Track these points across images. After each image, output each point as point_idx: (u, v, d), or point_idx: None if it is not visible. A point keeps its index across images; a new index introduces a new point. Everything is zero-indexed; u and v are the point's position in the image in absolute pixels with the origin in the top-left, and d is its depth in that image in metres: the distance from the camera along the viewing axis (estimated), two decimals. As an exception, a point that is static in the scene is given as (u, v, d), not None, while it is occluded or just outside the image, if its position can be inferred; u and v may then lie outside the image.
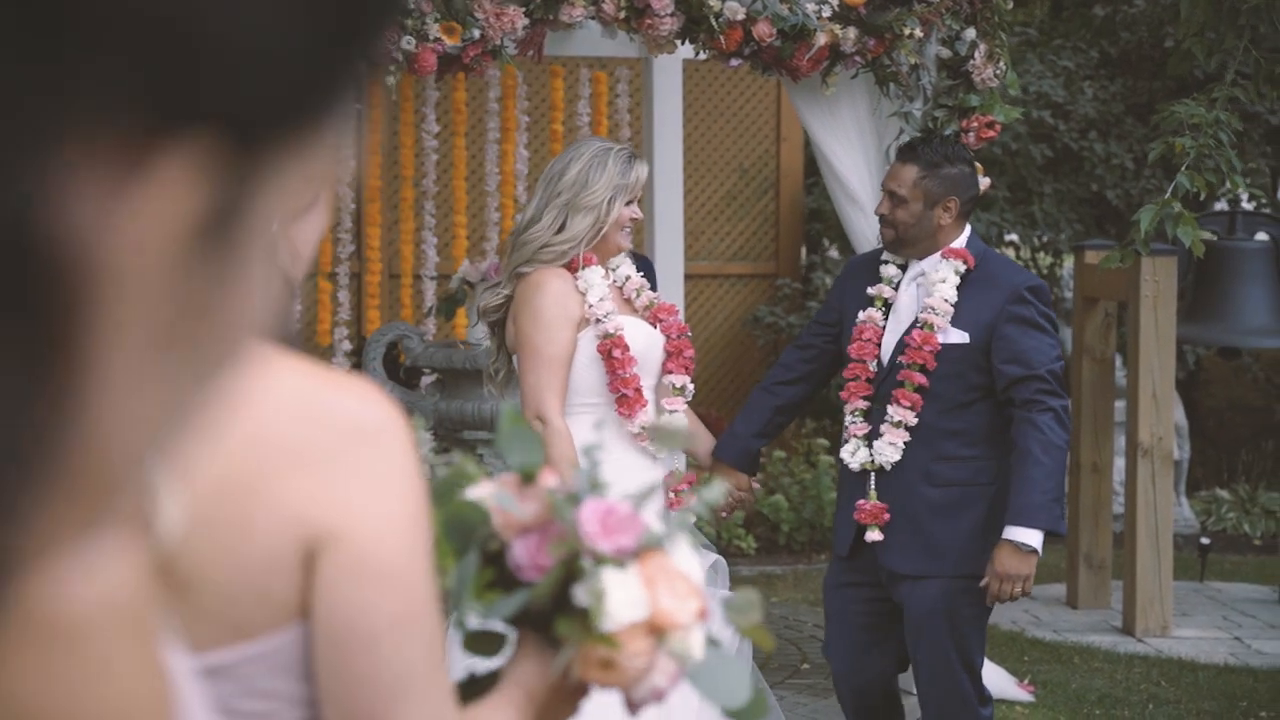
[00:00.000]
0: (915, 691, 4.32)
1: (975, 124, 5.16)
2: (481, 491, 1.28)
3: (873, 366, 3.94)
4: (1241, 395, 10.30)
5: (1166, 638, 6.26)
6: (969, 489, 3.93)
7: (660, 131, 6.60)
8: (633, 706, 1.25)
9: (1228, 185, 5.51)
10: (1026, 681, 5.64)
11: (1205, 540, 7.37)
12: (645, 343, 3.76)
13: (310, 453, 1.10)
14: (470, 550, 1.25)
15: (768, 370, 4.52)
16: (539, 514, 1.25)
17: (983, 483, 3.93)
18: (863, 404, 3.94)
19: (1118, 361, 7.27)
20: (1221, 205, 7.38)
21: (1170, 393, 6.33)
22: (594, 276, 3.69)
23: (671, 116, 6.66)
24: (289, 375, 1.12)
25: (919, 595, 3.94)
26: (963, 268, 3.96)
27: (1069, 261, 9.21)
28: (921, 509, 3.90)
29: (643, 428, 3.66)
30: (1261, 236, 6.62)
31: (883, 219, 4.07)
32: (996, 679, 5.44)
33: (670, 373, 3.81)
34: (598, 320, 3.67)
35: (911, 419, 3.87)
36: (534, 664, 1.28)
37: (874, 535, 3.92)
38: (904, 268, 4.07)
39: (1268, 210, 9.25)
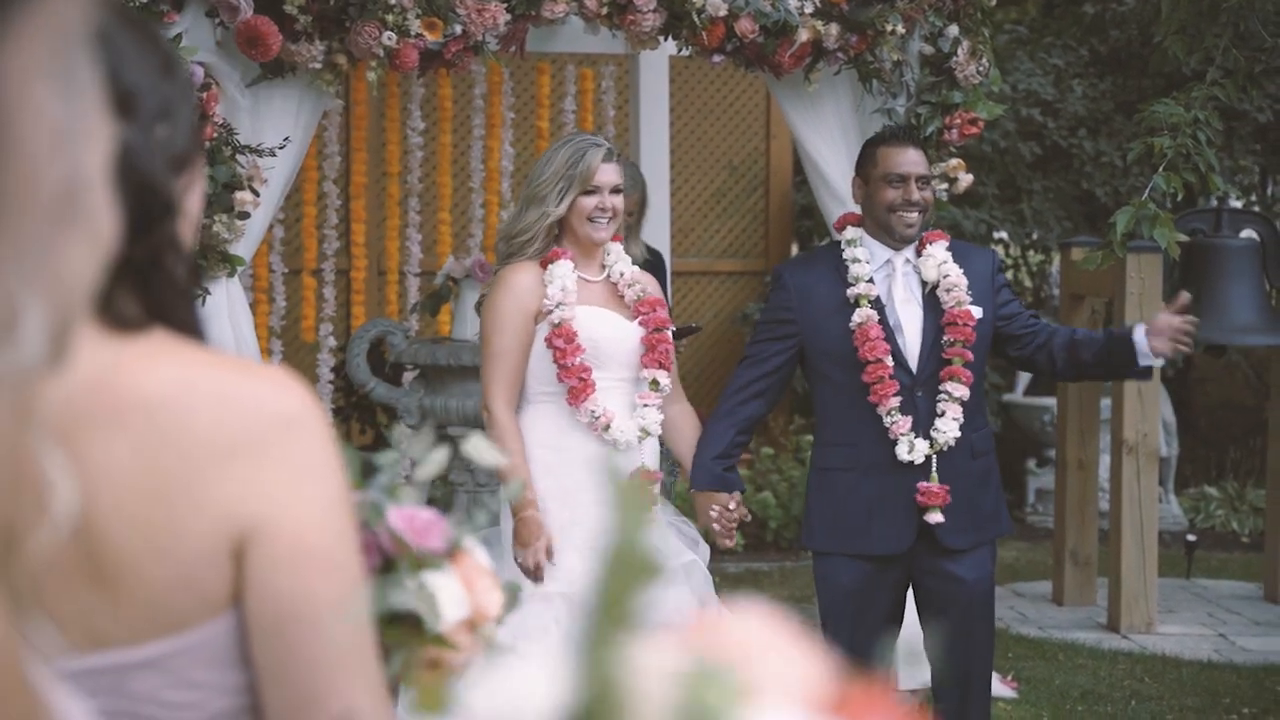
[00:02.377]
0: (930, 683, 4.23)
1: (958, 120, 5.16)
2: None
3: (888, 362, 3.93)
4: (1234, 394, 10.31)
5: (1151, 634, 6.26)
6: (989, 456, 4.06)
7: (646, 128, 6.61)
8: None
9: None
10: (1010, 678, 5.64)
11: (1191, 537, 7.38)
12: (609, 334, 3.78)
13: (233, 446, 1.11)
14: None
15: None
16: None
17: (993, 448, 4.10)
18: (896, 401, 3.92)
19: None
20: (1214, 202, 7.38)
21: (1155, 390, 6.33)
22: (560, 270, 3.75)
23: (657, 113, 6.66)
24: (204, 369, 1.14)
25: (971, 565, 3.95)
26: (946, 246, 4.00)
27: (1059, 259, 9.21)
28: (970, 483, 3.98)
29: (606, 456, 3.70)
30: (1248, 234, 6.62)
31: (914, 205, 3.99)
32: (979, 675, 5.45)
33: (645, 367, 3.82)
34: (548, 312, 3.71)
35: (967, 394, 3.92)
36: None
37: (935, 517, 3.90)
38: (868, 262, 4.03)
39: (1257, 208, 9.26)
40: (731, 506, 3.87)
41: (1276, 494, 6.84)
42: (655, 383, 3.81)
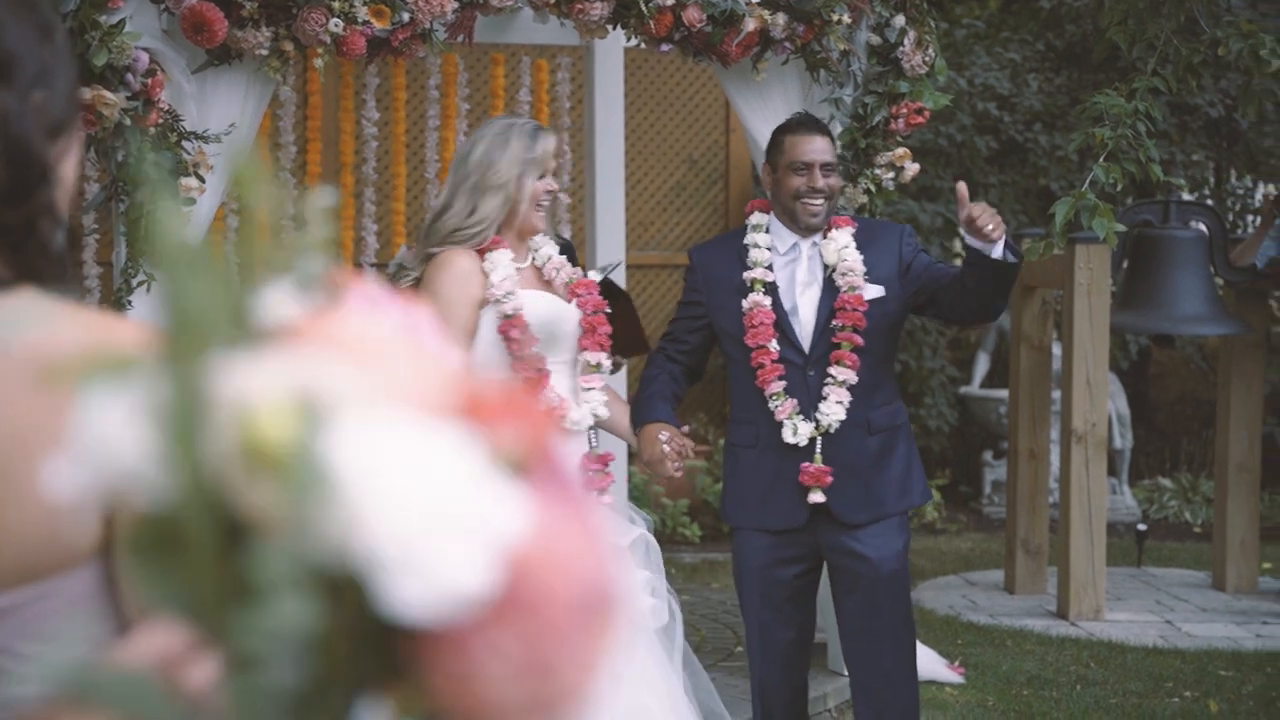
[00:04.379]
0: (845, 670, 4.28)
1: (905, 110, 5.20)
2: None
3: (773, 347, 3.98)
4: (1190, 388, 10.40)
5: (1099, 621, 6.33)
6: (894, 432, 4.09)
7: (602, 120, 6.61)
8: None
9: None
10: (957, 664, 5.69)
11: (1142, 526, 7.46)
12: (551, 317, 3.74)
13: None
14: None
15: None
16: None
17: (901, 423, 4.12)
18: (779, 385, 3.98)
19: (1055, 350, 7.34)
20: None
21: (1104, 379, 6.39)
22: (500, 258, 3.70)
23: (613, 105, 6.67)
24: (67, 324, 1.14)
25: (876, 543, 3.99)
26: (852, 232, 4.05)
27: (1015, 252, 9.26)
28: (864, 460, 4.02)
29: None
30: (1198, 226, 6.69)
31: (819, 192, 4.04)
32: (926, 661, 5.48)
33: (585, 350, 3.81)
34: (497, 300, 3.68)
35: (854, 378, 3.95)
36: None
37: (816, 497, 3.96)
38: (771, 249, 4.07)
39: (1210, 202, 9.34)
40: (685, 431, 3.91)
41: (1224, 483, 6.91)
42: (597, 365, 3.81)
